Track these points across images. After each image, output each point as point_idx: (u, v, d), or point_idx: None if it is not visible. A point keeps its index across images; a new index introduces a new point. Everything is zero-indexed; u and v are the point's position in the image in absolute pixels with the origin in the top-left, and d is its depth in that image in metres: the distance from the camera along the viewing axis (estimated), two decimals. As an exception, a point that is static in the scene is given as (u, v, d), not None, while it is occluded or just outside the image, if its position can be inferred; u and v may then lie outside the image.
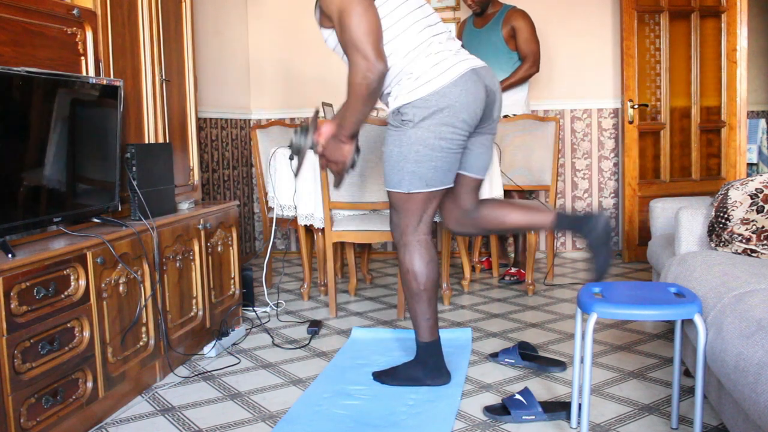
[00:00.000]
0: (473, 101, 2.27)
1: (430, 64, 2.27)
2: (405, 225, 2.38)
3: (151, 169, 2.61)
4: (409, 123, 2.25)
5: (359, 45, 2.17)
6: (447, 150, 2.28)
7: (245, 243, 5.00)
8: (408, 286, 2.41)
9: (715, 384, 1.85)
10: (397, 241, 2.42)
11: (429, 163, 2.28)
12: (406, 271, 2.40)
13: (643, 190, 4.57)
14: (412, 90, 2.26)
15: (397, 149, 2.29)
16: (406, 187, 2.31)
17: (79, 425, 2.10)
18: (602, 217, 2.32)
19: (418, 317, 2.42)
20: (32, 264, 1.88)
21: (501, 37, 4.11)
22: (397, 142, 2.29)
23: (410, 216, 2.36)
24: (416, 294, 2.40)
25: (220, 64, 4.67)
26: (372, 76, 2.18)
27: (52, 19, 2.29)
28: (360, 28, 2.17)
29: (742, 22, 4.51)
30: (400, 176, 2.31)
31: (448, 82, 2.24)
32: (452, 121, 2.25)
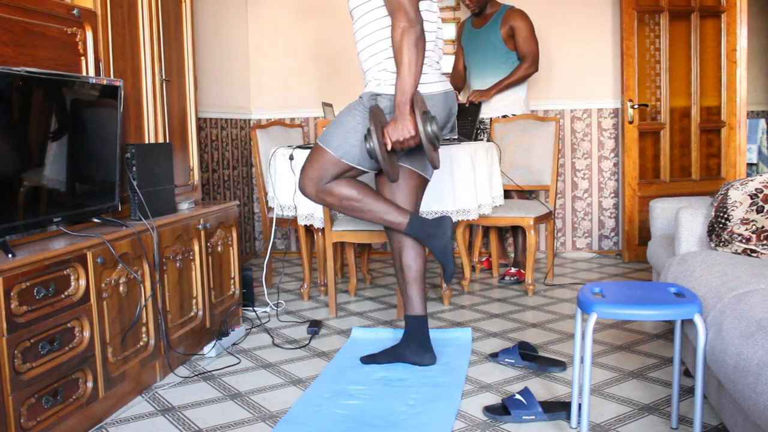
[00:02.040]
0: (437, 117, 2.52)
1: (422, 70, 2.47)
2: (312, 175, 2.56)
3: (151, 169, 2.61)
4: (374, 107, 2.45)
5: (404, 4, 2.35)
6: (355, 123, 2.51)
7: (245, 243, 5.00)
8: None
9: (715, 384, 1.85)
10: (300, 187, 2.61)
11: (359, 143, 2.49)
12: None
13: (643, 190, 4.57)
14: (391, 86, 2.47)
15: (353, 122, 2.51)
16: (341, 155, 2.51)
17: (79, 425, 2.10)
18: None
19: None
20: (32, 264, 1.88)
21: (500, 36, 4.11)
22: (357, 117, 2.51)
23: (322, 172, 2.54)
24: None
25: (220, 64, 4.67)
26: (415, 34, 2.34)
27: (52, 19, 2.29)
28: None
29: (742, 22, 4.51)
30: (341, 143, 2.51)
31: (425, 92, 2.50)
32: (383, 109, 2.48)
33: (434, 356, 2.63)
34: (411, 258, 2.62)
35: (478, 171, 3.39)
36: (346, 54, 5.03)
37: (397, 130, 2.39)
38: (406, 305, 2.66)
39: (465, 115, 4.02)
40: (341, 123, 2.54)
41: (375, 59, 2.53)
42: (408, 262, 2.62)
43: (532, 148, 4.04)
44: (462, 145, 3.41)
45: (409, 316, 2.64)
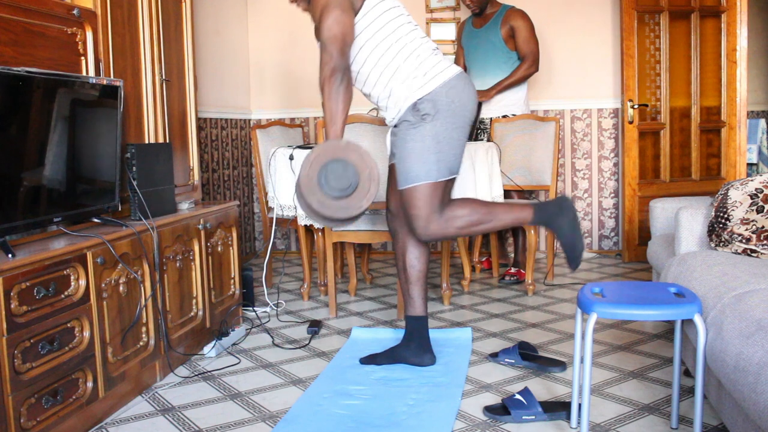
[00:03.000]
0: (472, 97, 2.49)
1: (432, 63, 2.43)
2: (429, 217, 2.42)
3: (151, 169, 2.61)
4: (428, 117, 2.38)
5: (328, 46, 2.31)
6: (462, 137, 2.45)
7: (245, 243, 5.00)
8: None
9: (715, 384, 1.85)
10: (422, 233, 2.45)
11: (450, 152, 2.42)
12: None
13: (643, 190, 4.57)
14: (422, 86, 2.39)
15: (420, 143, 2.39)
16: (436, 176, 2.40)
17: (79, 425, 2.10)
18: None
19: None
20: (32, 264, 1.88)
21: (500, 36, 4.11)
22: (418, 137, 2.39)
23: (434, 203, 2.42)
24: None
25: (220, 64, 4.67)
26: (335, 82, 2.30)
27: (52, 19, 2.29)
28: (332, 31, 2.31)
29: (742, 22, 4.51)
30: (428, 168, 2.39)
31: (452, 75, 2.42)
32: (462, 110, 2.43)
33: (434, 357, 2.63)
34: (414, 258, 2.61)
35: (478, 171, 3.39)
36: (346, 54, 5.03)
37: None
38: (407, 305, 2.66)
39: (465, 115, 4.02)
40: (411, 152, 2.40)
41: (392, 82, 2.43)
42: (411, 262, 2.61)
43: (532, 148, 4.04)
44: (462, 145, 3.40)
45: (410, 317, 2.64)
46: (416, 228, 2.46)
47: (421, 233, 2.46)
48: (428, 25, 4.91)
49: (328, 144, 2.29)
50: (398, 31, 2.43)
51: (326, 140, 2.33)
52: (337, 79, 2.30)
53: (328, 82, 2.31)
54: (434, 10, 4.91)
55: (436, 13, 4.92)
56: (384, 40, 2.41)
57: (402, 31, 2.44)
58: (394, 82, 2.42)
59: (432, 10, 4.91)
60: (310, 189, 2.24)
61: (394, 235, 2.66)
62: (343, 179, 2.22)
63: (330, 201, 2.24)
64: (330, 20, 2.30)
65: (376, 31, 2.40)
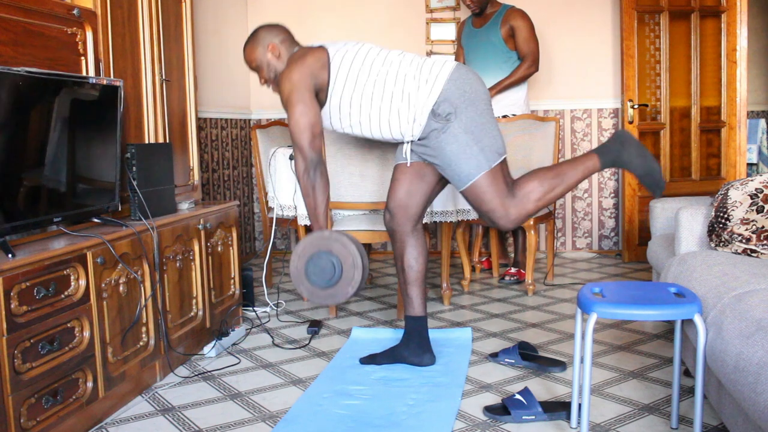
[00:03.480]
0: (478, 80, 2.49)
1: (428, 68, 2.45)
2: (504, 203, 2.43)
3: (151, 169, 2.61)
4: (451, 115, 2.39)
5: (296, 139, 2.44)
6: (491, 119, 2.46)
7: (245, 243, 5.00)
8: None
9: (715, 384, 1.85)
10: (505, 222, 2.45)
11: (487, 136, 2.41)
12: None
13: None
14: (430, 92, 2.41)
15: (456, 144, 2.40)
16: (488, 164, 2.40)
17: (79, 425, 2.10)
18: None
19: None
20: (32, 264, 1.88)
21: (500, 36, 4.11)
22: (451, 139, 2.40)
23: (501, 189, 2.42)
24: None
25: (220, 64, 4.67)
26: (309, 180, 2.44)
27: (52, 19, 2.29)
28: (298, 125, 2.43)
29: (742, 22, 4.51)
30: (477, 160, 2.39)
31: (453, 67, 2.44)
32: (477, 95, 2.44)
33: (433, 357, 2.63)
34: (413, 258, 2.62)
35: (478, 171, 3.38)
36: (346, 54, 5.03)
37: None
38: (406, 306, 2.66)
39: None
40: (453, 154, 2.40)
41: (396, 114, 2.46)
42: (410, 262, 2.62)
43: (532, 148, 4.03)
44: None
45: (409, 317, 2.64)
46: (498, 220, 2.45)
47: (504, 223, 2.45)
48: (428, 25, 4.91)
49: (313, 237, 2.42)
50: (377, 66, 2.45)
51: (312, 233, 2.46)
52: (310, 175, 2.44)
53: (303, 179, 2.46)
54: (434, 10, 4.92)
55: (436, 13, 4.92)
56: (368, 86, 2.44)
57: (381, 63, 2.46)
58: (403, 106, 2.43)
59: (432, 10, 4.91)
60: (300, 280, 2.43)
61: (392, 236, 2.66)
62: (327, 271, 2.38)
63: (318, 290, 2.42)
64: (296, 115, 2.42)
65: (354, 85, 2.44)
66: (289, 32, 2.63)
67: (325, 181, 2.47)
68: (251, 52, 2.61)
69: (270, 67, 2.59)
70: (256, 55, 2.60)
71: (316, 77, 2.45)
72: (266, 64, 2.59)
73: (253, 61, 2.62)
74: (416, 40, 4.95)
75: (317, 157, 2.45)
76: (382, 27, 4.97)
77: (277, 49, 2.57)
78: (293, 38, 2.63)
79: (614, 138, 2.45)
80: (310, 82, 2.44)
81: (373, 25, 4.98)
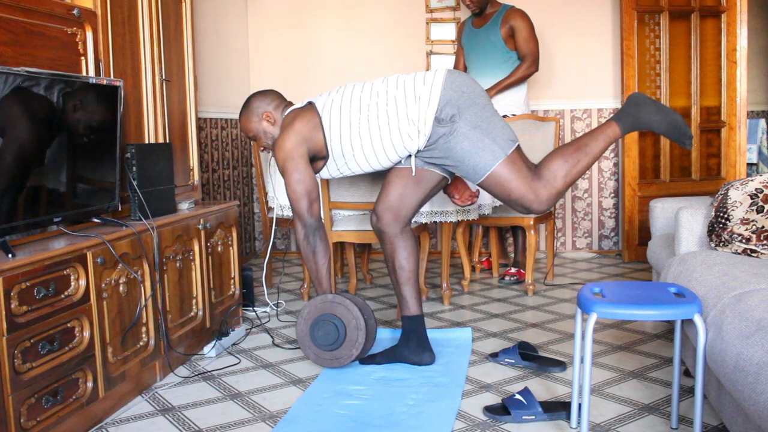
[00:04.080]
0: (470, 79, 2.52)
1: (420, 81, 2.48)
2: (531, 186, 2.41)
3: (151, 169, 2.62)
4: (455, 116, 2.40)
5: (294, 207, 2.54)
6: (494, 111, 2.47)
7: (245, 243, 5.00)
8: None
9: (715, 384, 1.85)
10: (538, 206, 2.44)
11: (495, 128, 2.42)
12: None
13: (643, 190, 4.57)
14: (429, 101, 2.42)
15: (467, 142, 2.41)
16: (503, 152, 2.40)
17: (79, 425, 2.10)
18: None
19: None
20: (32, 264, 1.88)
21: (500, 36, 4.11)
22: (460, 138, 2.41)
23: (525, 173, 2.42)
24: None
25: (220, 64, 4.67)
26: (307, 236, 2.55)
27: (52, 19, 2.29)
28: (296, 193, 2.51)
29: (742, 22, 4.51)
30: (491, 150, 2.40)
31: (445, 73, 2.46)
32: (474, 92, 2.46)
33: (433, 355, 2.63)
34: (403, 258, 2.62)
35: (478, 171, 3.38)
36: (346, 54, 5.03)
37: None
38: (401, 306, 2.66)
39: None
40: (465, 151, 2.40)
41: (398, 132, 2.47)
42: (401, 263, 2.62)
43: (532, 148, 4.02)
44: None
45: (405, 317, 2.64)
46: (530, 204, 2.43)
47: (537, 207, 2.44)
48: (428, 25, 4.91)
49: (317, 300, 2.56)
50: (365, 99, 2.49)
51: (316, 296, 2.58)
52: (310, 240, 2.55)
53: (303, 245, 2.56)
54: (434, 10, 4.92)
55: (436, 13, 4.92)
56: (363, 121, 2.46)
57: (367, 94, 2.50)
58: (403, 125, 2.45)
59: (432, 10, 4.91)
60: (305, 344, 2.57)
61: (380, 237, 2.66)
62: (331, 334, 2.52)
63: (323, 353, 2.56)
64: (292, 184, 2.50)
65: (350, 127, 2.48)
66: (280, 96, 2.73)
67: (325, 244, 2.57)
68: (247, 122, 2.70)
69: (267, 135, 2.69)
70: (252, 125, 2.69)
71: (309, 140, 2.52)
72: (263, 132, 2.69)
73: (250, 131, 2.71)
74: (416, 40, 4.95)
75: (316, 223, 2.55)
76: (382, 27, 4.97)
77: (271, 117, 2.66)
78: (284, 100, 2.73)
79: (629, 102, 2.44)
80: (303, 149, 2.51)
81: (373, 25, 4.98)
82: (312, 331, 2.53)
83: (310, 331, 2.53)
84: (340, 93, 2.56)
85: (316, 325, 2.53)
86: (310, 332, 2.54)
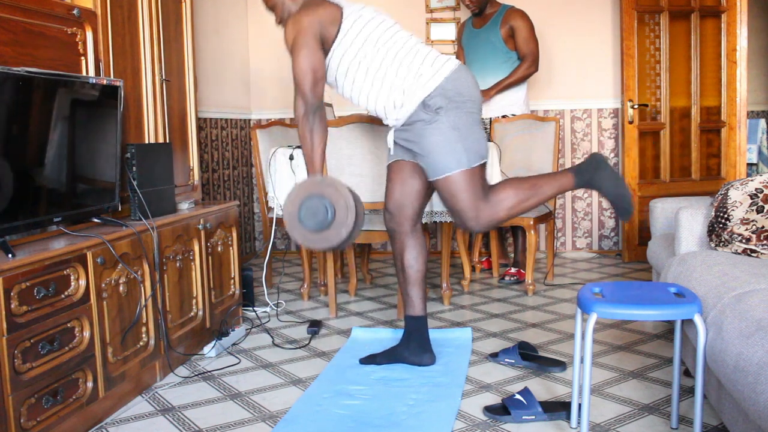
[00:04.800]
0: (475, 84, 2.51)
1: (430, 61, 2.44)
2: (476, 205, 2.43)
3: (151, 169, 2.61)
4: (441, 110, 2.40)
5: (298, 82, 2.44)
6: (478, 122, 2.48)
7: (245, 243, 5.00)
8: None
9: (715, 384, 1.85)
10: (475, 225, 2.46)
11: (472, 137, 2.43)
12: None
13: (643, 190, 4.57)
14: (426, 83, 2.41)
15: (441, 136, 2.41)
16: (468, 163, 2.41)
17: (79, 425, 2.10)
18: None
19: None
20: (32, 264, 1.88)
21: (500, 36, 4.11)
22: (436, 131, 2.41)
23: (477, 191, 2.43)
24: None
25: (220, 64, 4.67)
26: (308, 124, 2.45)
27: (52, 19, 2.29)
28: (301, 67, 2.42)
29: (742, 22, 4.51)
30: (458, 156, 2.40)
31: (452, 67, 2.44)
32: (470, 97, 2.46)
33: (433, 356, 2.63)
34: (412, 258, 2.62)
35: (478, 171, 3.38)
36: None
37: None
38: (406, 305, 2.66)
39: (465, 115, 4.02)
40: (435, 145, 2.41)
41: (393, 91, 2.45)
42: (410, 262, 2.62)
43: (532, 148, 4.04)
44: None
45: (409, 317, 2.64)
46: (467, 221, 2.46)
47: (473, 225, 2.46)
48: (428, 25, 4.91)
49: (306, 181, 2.45)
50: (383, 41, 2.45)
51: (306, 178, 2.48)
52: (309, 119, 2.45)
53: (301, 123, 2.46)
54: (434, 10, 4.91)
55: (436, 13, 4.92)
56: (368, 56, 2.44)
57: (388, 39, 2.46)
58: (395, 89, 2.43)
59: (432, 10, 4.91)
60: (293, 225, 2.43)
61: (392, 236, 2.66)
62: (320, 214, 2.38)
63: (311, 234, 2.42)
64: (300, 58, 2.42)
65: (357, 51, 2.44)
66: None
67: (323, 126, 2.48)
68: None
69: (285, 9, 2.61)
70: None
71: (324, 29, 2.45)
72: (281, 3, 2.61)
73: (269, 0, 2.64)
74: (416, 40, 4.94)
75: (317, 102, 2.44)
76: (382, 27, 4.97)
77: None
78: None
79: (590, 160, 2.49)
80: (317, 30, 2.43)
81: (373, 25, 4.98)
82: (300, 211, 2.40)
83: (298, 212, 2.40)
84: (370, 16, 2.50)
85: (304, 205, 2.39)
86: (298, 213, 2.40)
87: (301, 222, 2.41)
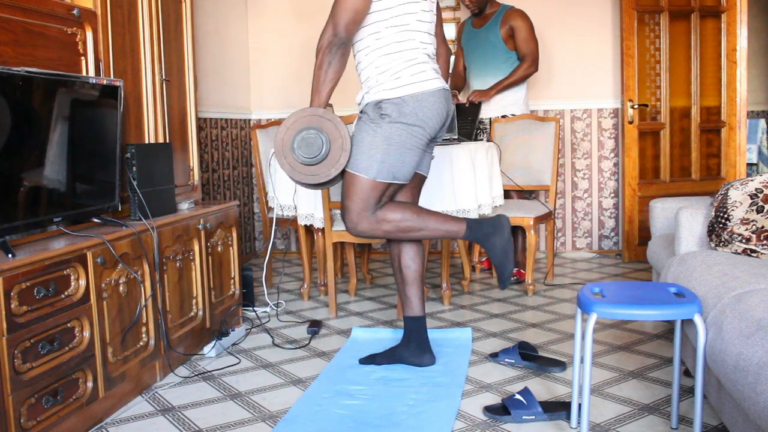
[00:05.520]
0: (440, 114, 2.47)
1: (413, 71, 2.43)
2: (361, 213, 2.44)
3: (151, 169, 2.61)
4: (386, 117, 2.39)
5: (336, 13, 2.34)
6: (415, 148, 2.43)
7: (245, 243, 5.00)
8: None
9: (715, 384, 1.85)
10: (351, 228, 2.48)
11: (398, 157, 2.41)
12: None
13: (643, 190, 4.57)
14: (393, 89, 2.40)
15: (370, 138, 2.41)
16: (374, 175, 2.40)
17: (79, 425, 2.10)
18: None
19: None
20: (32, 264, 1.88)
21: (499, 36, 4.11)
22: (371, 132, 2.41)
23: (369, 203, 2.43)
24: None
25: (220, 64, 4.67)
26: (332, 45, 2.35)
27: (52, 19, 2.29)
28: (345, 4, 2.33)
29: (742, 22, 4.51)
30: (370, 164, 2.40)
31: (427, 89, 2.42)
32: (423, 124, 2.42)
33: (433, 357, 2.63)
34: (410, 258, 2.62)
35: (477, 171, 3.39)
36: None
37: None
38: (404, 306, 2.66)
39: (465, 115, 4.02)
40: (360, 142, 2.42)
41: (373, 71, 2.45)
42: (407, 262, 2.62)
43: (532, 148, 4.04)
44: (462, 145, 3.41)
45: (408, 317, 2.64)
46: (346, 221, 2.48)
47: (350, 227, 2.48)
48: (428, 25, 4.91)
49: (306, 111, 2.37)
50: (406, 26, 2.42)
51: (307, 107, 2.40)
52: (332, 51, 2.36)
53: (324, 52, 2.37)
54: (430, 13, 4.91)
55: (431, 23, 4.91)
56: (390, 29, 2.40)
57: (408, 27, 2.43)
58: (375, 71, 2.44)
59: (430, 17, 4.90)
60: (283, 153, 2.38)
61: None
62: (314, 147, 2.33)
63: (300, 166, 2.37)
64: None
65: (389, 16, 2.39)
66: None
67: (342, 63, 2.40)
68: None
69: None
70: None
71: None
72: None
73: None
74: (416, 40, 4.94)
75: (346, 39, 2.37)
76: (382, 27, 4.97)
77: None
78: None
79: (492, 221, 2.47)
80: None
81: (373, 25, 4.98)
82: (294, 140, 2.34)
83: (293, 140, 2.34)
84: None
85: (299, 134, 2.33)
86: (291, 141, 2.34)
87: (293, 151, 2.35)
